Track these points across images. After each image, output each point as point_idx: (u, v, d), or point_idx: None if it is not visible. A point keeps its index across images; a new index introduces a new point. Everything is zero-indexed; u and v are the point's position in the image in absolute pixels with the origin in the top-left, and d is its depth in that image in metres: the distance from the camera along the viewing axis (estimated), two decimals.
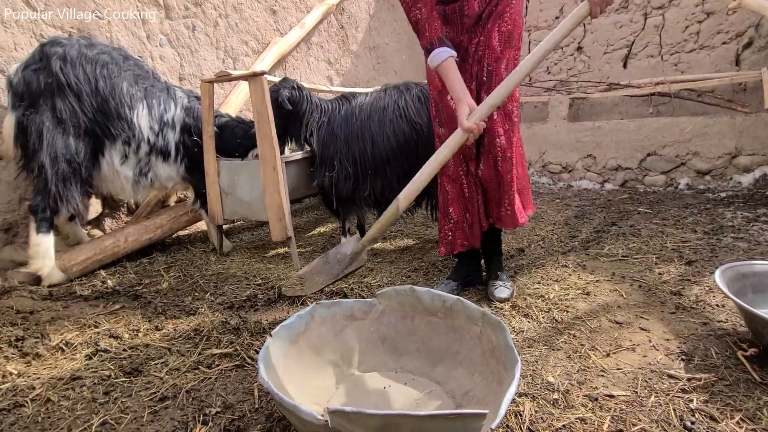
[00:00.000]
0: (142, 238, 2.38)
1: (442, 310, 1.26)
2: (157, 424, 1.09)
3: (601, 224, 2.75)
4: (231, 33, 3.57)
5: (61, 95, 1.97)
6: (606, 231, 2.58)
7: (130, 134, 2.18)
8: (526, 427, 1.05)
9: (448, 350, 1.24)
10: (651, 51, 4.45)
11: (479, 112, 1.43)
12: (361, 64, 5.11)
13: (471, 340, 1.20)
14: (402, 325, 1.31)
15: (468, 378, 1.16)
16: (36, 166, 1.94)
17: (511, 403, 1.13)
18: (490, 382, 1.08)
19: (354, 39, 5.00)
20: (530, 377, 1.23)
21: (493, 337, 1.13)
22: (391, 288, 1.32)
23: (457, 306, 1.23)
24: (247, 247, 2.68)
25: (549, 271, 2.01)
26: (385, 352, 1.29)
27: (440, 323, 1.27)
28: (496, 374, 1.07)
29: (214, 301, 1.83)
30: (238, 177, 2.40)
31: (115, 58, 2.17)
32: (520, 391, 1.17)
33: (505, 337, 1.06)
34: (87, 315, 1.62)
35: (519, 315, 1.61)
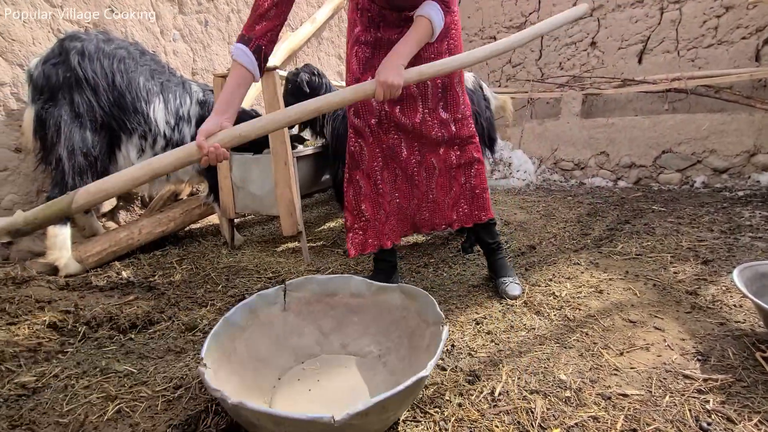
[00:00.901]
0: (155, 230, 2.41)
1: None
2: (171, 413, 1.11)
3: (614, 222, 2.71)
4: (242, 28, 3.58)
5: (78, 89, 2.00)
6: (619, 229, 2.54)
7: (146, 128, 2.21)
8: (538, 424, 1.04)
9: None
10: (667, 46, 4.35)
11: (225, 136, 1.17)
12: None
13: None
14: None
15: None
16: (54, 159, 1.98)
17: (523, 399, 1.12)
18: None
19: None
20: (542, 374, 1.23)
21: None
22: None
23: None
24: (257, 241, 2.70)
25: (561, 268, 1.99)
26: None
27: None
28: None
29: (226, 294, 1.85)
30: (249, 171, 2.42)
31: (132, 53, 2.19)
32: (531, 388, 1.17)
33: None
34: (102, 305, 1.65)
35: (530, 312, 1.60)
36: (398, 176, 1.70)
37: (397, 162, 1.67)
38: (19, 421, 1.05)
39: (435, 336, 1.11)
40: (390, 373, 1.22)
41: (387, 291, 1.33)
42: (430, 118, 1.62)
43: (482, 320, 1.55)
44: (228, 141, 1.18)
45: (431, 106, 1.61)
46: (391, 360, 1.26)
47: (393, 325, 1.31)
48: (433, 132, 1.62)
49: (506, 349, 1.37)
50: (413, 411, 1.10)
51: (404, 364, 1.20)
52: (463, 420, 1.07)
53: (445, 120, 1.62)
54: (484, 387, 1.19)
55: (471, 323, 1.54)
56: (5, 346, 1.32)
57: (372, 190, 1.68)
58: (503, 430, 1.03)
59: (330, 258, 2.33)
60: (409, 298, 1.29)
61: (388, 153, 1.66)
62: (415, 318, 1.24)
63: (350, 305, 1.36)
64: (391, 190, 1.71)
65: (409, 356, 1.20)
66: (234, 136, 1.19)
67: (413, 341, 1.22)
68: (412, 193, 1.73)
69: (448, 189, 1.72)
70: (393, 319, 1.31)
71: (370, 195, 1.68)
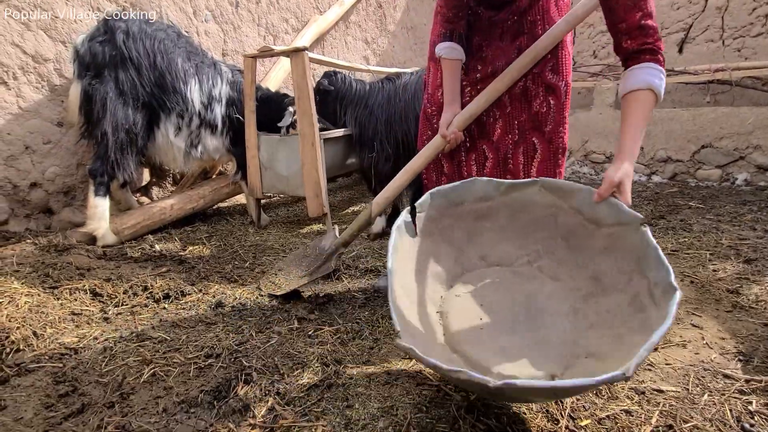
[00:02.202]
0: (186, 206, 2.47)
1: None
2: (203, 379, 1.14)
3: (647, 217, 2.61)
4: (272, 10, 3.58)
5: (123, 68, 2.07)
6: (653, 224, 2.45)
7: (183, 107, 2.28)
8: (567, 414, 1.02)
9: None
10: (711, 35, 4.11)
11: (459, 121, 1.34)
12: (398, 44, 5.01)
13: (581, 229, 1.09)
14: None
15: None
16: (99, 133, 2.06)
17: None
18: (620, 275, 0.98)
19: (392, 18, 4.90)
20: None
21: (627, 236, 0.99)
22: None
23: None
24: (283, 222, 2.73)
25: None
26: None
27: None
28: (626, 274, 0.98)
29: (254, 270, 1.88)
30: (277, 152, 2.44)
31: (170, 35, 2.26)
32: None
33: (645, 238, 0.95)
34: (137, 275, 1.71)
35: None
36: (488, 159, 1.44)
37: (488, 142, 1.42)
38: (63, 377, 1.11)
39: (619, 238, 0.97)
40: (553, 278, 1.11)
41: (519, 188, 1.16)
42: (533, 85, 1.34)
43: None
44: (462, 124, 1.35)
45: (536, 69, 1.32)
46: (546, 265, 1.13)
47: (533, 225, 1.16)
48: (536, 102, 1.35)
49: None
50: (439, 393, 1.10)
51: (568, 269, 1.08)
52: (489, 406, 1.06)
53: (553, 85, 1.32)
54: None
55: None
56: (50, 308, 1.39)
57: (453, 171, 1.49)
58: (531, 417, 1.01)
59: (354, 241, 2.33)
60: (556, 194, 1.12)
61: (478, 133, 1.43)
62: (574, 216, 1.08)
63: (478, 211, 1.20)
64: (478, 174, 1.46)
65: (572, 259, 1.07)
66: (466, 119, 1.36)
67: (573, 241, 1.09)
68: (504, 179, 1.44)
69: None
70: (532, 218, 1.16)
71: (450, 176, 1.49)
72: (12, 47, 2.14)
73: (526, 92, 1.37)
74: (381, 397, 1.07)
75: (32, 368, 1.13)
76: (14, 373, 1.10)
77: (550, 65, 1.34)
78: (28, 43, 2.18)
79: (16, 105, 2.19)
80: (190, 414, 1.01)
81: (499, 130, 1.41)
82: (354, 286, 1.75)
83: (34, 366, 1.13)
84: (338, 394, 1.08)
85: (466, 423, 0.97)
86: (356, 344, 1.32)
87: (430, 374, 1.16)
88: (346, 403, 1.05)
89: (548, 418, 1.01)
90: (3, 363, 1.11)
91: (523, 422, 0.99)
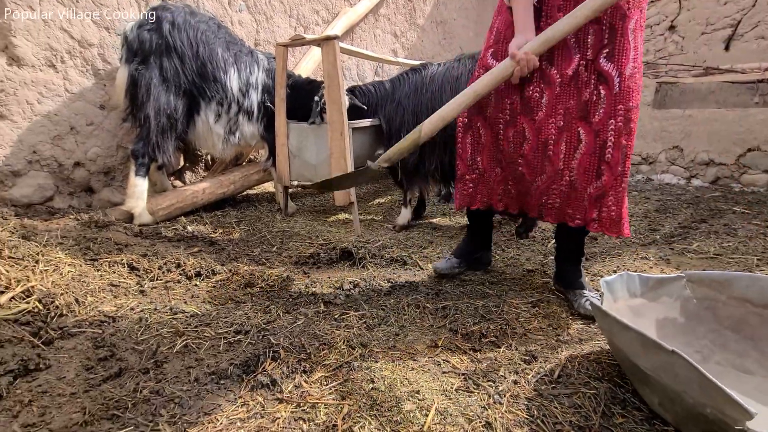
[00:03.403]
0: (217, 191, 2.54)
1: None
2: (232, 354, 1.16)
3: (687, 220, 2.48)
4: (304, 1, 3.62)
5: (168, 55, 2.16)
6: (694, 227, 2.33)
7: (223, 95, 2.36)
8: (602, 410, 0.98)
9: None
10: (762, 31, 3.87)
11: (533, 44, 1.23)
12: (427, 38, 4.97)
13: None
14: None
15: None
16: (142, 116, 2.15)
17: (585, 385, 1.07)
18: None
19: (421, 12, 4.86)
20: (606, 364, 1.15)
21: None
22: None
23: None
24: (309, 210, 2.76)
25: (626, 261, 1.86)
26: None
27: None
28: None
29: (281, 255, 1.91)
30: (306, 140, 2.46)
31: (211, 27, 2.34)
32: (595, 375, 1.10)
33: None
34: (171, 253, 1.76)
35: None
36: (527, 140, 1.38)
37: (530, 121, 1.36)
38: (102, 343, 1.15)
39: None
40: (746, 372, 1.02)
41: (666, 284, 1.12)
42: (585, 72, 1.27)
43: (538, 303, 1.49)
44: (537, 48, 1.24)
45: (590, 55, 1.26)
46: (726, 359, 1.06)
47: (691, 321, 1.09)
48: (586, 91, 1.28)
49: (565, 335, 1.31)
50: (466, 382, 1.08)
51: (755, 359, 1.01)
52: (519, 397, 1.03)
53: (607, 74, 1.25)
54: (541, 368, 1.14)
55: (527, 305, 1.48)
56: (90, 278, 1.45)
57: (492, 142, 1.44)
58: (563, 411, 0.98)
59: (380, 231, 2.34)
60: (708, 286, 1.08)
61: (521, 107, 1.36)
62: (740, 306, 1.03)
63: (633, 309, 1.14)
64: (514, 154, 1.40)
65: (757, 348, 1.01)
66: (541, 42, 1.24)
67: (748, 332, 1.03)
68: (541, 166, 1.38)
69: (594, 175, 1.31)
70: (687, 314, 1.10)
71: (489, 147, 1.45)
72: (60, 32, 2.24)
73: (578, 77, 1.29)
74: (407, 382, 1.06)
75: (74, 332, 1.18)
76: (58, 335, 1.16)
77: (606, 51, 1.26)
78: (75, 28, 2.28)
79: (63, 87, 2.29)
80: (220, 385, 1.03)
81: (544, 110, 1.33)
82: (379, 274, 1.74)
83: (75, 330, 1.19)
84: (364, 376, 1.08)
85: (496, 413, 0.96)
86: (382, 330, 1.32)
87: (456, 364, 1.14)
88: (372, 385, 1.05)
89: (580, 414, 0.98)
90: (48, 326, 1.16)
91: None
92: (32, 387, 0.99)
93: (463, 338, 1.26)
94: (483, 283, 1.65)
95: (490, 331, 1.29)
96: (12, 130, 2.15)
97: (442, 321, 1.36)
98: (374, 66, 4.41)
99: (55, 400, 0.95)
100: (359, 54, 2.64)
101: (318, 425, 0.92)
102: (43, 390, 0.98)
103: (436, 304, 1.47)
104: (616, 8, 1.25)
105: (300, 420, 0.93)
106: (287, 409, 0.96)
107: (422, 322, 1.36)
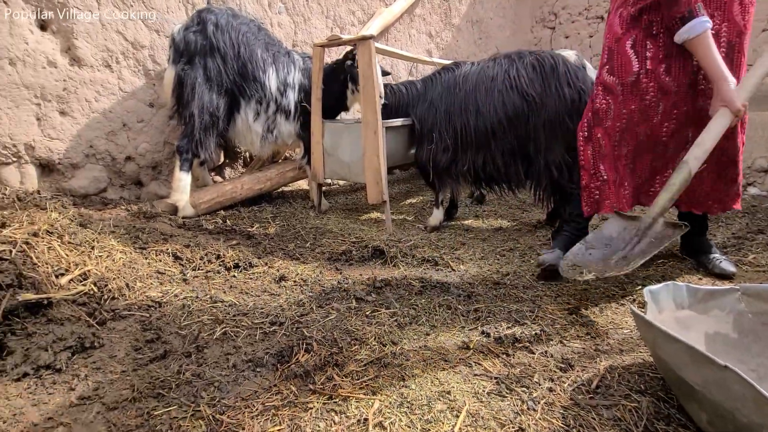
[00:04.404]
0: (254, 187, 2.63)
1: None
2: (267, 343, 1.20)
3: (742, 230, 2.32)
4: (340, 2, 3.67)
5: (212, 56, 2.27)
6: (749, 238, 2.17)
7: (262, 95, 2.45)
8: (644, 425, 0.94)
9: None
10: None
11: (746, 91, 1.34)
12: (462, 38, 4.91)
13: None
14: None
15: None
16: (187, 114, 2.27)
17: (626, 398, 1.02)
18: None
19: (457, 12, 4.81)
20: (649, 377, 1.10)
21: None
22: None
23: None
24: (342, 208, 2.80)
25: (671, 271, 1.76)
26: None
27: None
28: None
29: (314, 251, 1.95)
30: (340, 139, 2.50)
31: (252, 28, 2.44)
32: (636, 388, 1.05)
33: None
34: (211, 245, 1.84)
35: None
36: (641, 141, 1.57)
37: (646, 125, 1.53)
38: (149, 326, 1.22)
39: None
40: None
41: (717, 296, 1.09)
42: (704, 83, 1.46)
43: (575, 311, 1.44)
44: (751, 92, 1.38)
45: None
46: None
47: (744, 337, 1.05)
48: (702, 100, 1.48)
49: (604, 345, 1.25)
50: (498, 386, 1.06)
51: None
52: (554, 405, 1.00)
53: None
54: (578, 377, 1.10)
55: (563, 312, 1.43)
56: (139, 265, 1.54)
57: (611, 151, 1.59)
58: (601, 423, 0.95)
59: (411, 231, 2.34)
60: (765, 300, 1.04)
61: (637, 116, 1.53)
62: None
63: (680, 321, 1.11)
64: (629, 153, 1.59)
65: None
66: (754, 84, 1.37)
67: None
68: (651, 163, 1.61)
69: (701, 176, 1.53)
70: (740, 330, 1.06)
71: (609, 156, 1.59)
72: (116, 34, 2.40)
73: (694, 88, 1.49)
74: (437, 381, 1.06)
75: (124, 315, 1.26)
76: (110, 317, 1.24)
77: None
78: (129, 30, 2.43)
79: (117, 86, 2.45)
80: (257, 372, 1.07)
81: (660, 117, 1.53)
82: (411, 273, 1.74)
83: (126, 313, 1.27)
84: (394, 373, 1.09)
85: (529, 420, 0.93)
86: (413, 329, 1.32)
87: (488, 367, 1.12)
88: (403, 382, 1.05)
89: (620, 428, 0.94)
90: (102, 307, 1.25)
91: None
92: (87, 363, 1.06)
93: (495, 342, 1.24)
94: (517, 287, 1.62)
95: (524, 336, 1.27)
96: (72, 126, 2.32)
97: (474, 323, 1.35)
98: (408, 66, 4.41)
99: (107, 377, 1.02)
100: (394, 54, 2.64)
101: (349, 417, 0.93)
102: (97, 366, 1.05)
103: (468, 306, 1.45)
104: (733, 24, 1.44)
105: (332, 411, 0.95)
106: (319, 400, 0.98)
107: (454, 323, 1.35)
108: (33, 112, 2.20)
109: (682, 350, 0.86)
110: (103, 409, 0.93)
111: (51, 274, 1.22)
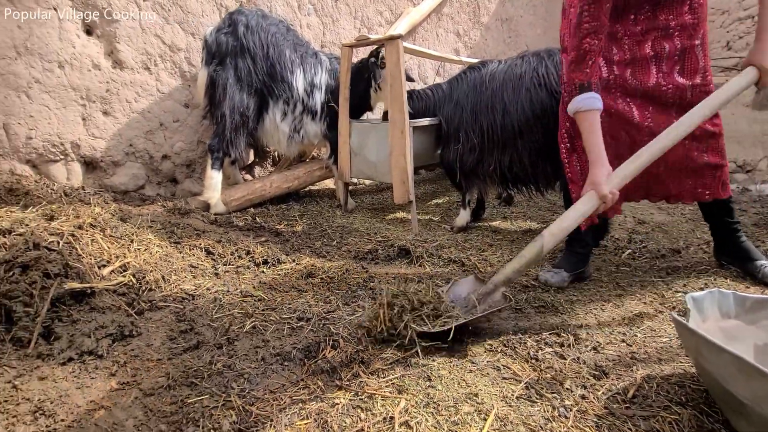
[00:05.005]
0: (282, 185, 2.68)
1: None
2: (294, 338, 1.22)
3: None
4: (368, 3, 3.69)
5: (242, 57, 2.33)
6: None
7: (289, 95, 2.49)
8: None
9: None
10: None
11: (618, 179, 1.30)
12: (491, 37, 4.82)
13: None
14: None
15: None
16: (219, 114, 2.34)
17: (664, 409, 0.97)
18: None
19: (486, 10, 4.73)
20: (689, 388, 1.04)
21: None
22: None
23: None
24: (368, 208, 2.82)
25: (714, 279, 1.66)
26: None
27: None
28: None
29: (340, 249, 1.96)
30: (367, 138, 2.51)
31: (281, 29, 2.48)
32: (677, 399, 1.00)
33: None
34: (242, 241, 1.89)
35: None
36: (622, 143, 1.58)
37: (631, 126, 1.57)
38: (183, 317, 1.27)
39: None
40: None
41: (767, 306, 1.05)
42: (664, 83, 1.52)
43: (609, 317, 1.38)
44: (622, 182, 1.33)
45: (665, 69, 1.51)
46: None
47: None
48: (666, 98, 1.53)
49: (641, 353, 1.20)
50: (527, 390, 1.03)
51: None
52: (587, 413, 0.96)
53: (680, 86, 1.50)
54: (613, 385, 1.06)
55: (596, 318, 1.38)
56: (174, 259, 1.60)
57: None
58: None
59: (437, 232, 2.32)
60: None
61: (617, 121, 1.56)
62: None
63: (725, 331, 1.08)
64: (614, 159, 1.54)
65: None
66: (623, 178, 1.32)
67: None
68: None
69: (679, 163, 1.59)
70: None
71: None
72: (154, 38, 2.50)
73: (657, 89, 1.52)
74: (464, 383, 1.04)
75: (161, 306, 1.31)
76: (147, 307, 1.30)
77: (678, 68, 1.52)
78: (167, 34, 2.53)
79: (155, 88, 2.56)
80: (284, 366, 1.09)
81: (638, 117, 1.55)
82: (437, 273, 1.73)
83: (162, 304, 1.32)
84: (420, 373, 1.08)
85: (561, 427, 0.90)
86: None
87: (517, 371, 1.10)
88: (429, 383, 1.04)
89: None
90: (140, 298, 1.31)
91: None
92: (126, 350, 1.11)
93: (524, 346, 1.21)
94: (547, 291, 1.57)
95: (554, 341, 1.23)
96: (114, 125, 2.45)
97: (503, 326, 1.32)
98: (435, 66, 4.37)
99: (144, 364, 1.06)
100: (422, 53, 2.63)
101: (375, 415, 0.93)
102: (135, 354, 1.10)
103: None
104: (684, 27, 1.48)
105: (358, 408, 0.95)
106: (346, 396, 0.99)
107: (481, 325, 1.33)
108: (79, 112, 2.33)
109: (730, 361, 0.80)
110: (140, 395, 0.97)
111: (94, 265, 1.28)
